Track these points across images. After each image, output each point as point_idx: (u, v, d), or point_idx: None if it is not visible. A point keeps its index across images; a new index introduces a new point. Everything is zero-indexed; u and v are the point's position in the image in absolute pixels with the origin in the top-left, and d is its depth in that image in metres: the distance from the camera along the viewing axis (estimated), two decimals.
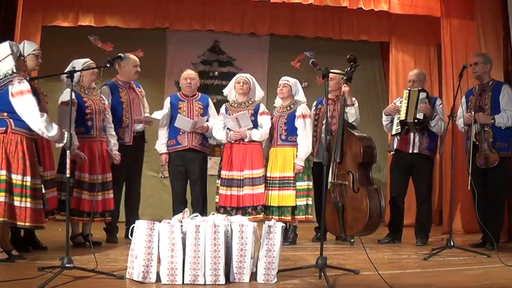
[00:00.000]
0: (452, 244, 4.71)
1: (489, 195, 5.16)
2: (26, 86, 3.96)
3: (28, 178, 3.97)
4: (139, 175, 5.57)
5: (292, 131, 5.31)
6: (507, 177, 5.19)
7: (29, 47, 4.53)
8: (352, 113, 5.50)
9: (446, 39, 6.67)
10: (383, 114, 5.86)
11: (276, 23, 7.45)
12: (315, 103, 5.84)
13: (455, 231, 6.36)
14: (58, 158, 4.86)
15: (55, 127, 4.02)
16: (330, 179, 5.34)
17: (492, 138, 5.08)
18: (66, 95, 4.77)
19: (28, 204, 3.94)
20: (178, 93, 5.69)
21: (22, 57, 4.19)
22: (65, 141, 4.02)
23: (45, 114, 4.01)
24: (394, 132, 5.58)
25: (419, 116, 5.34)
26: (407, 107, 5.41)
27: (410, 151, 5.45)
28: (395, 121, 5.56)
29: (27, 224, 3.95)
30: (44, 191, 4.08)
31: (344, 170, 5.35)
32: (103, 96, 5.10)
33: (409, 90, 5.50)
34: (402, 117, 5.42)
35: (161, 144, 5.51)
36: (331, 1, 6.63)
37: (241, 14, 7.36)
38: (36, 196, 4.01)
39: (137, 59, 5.47)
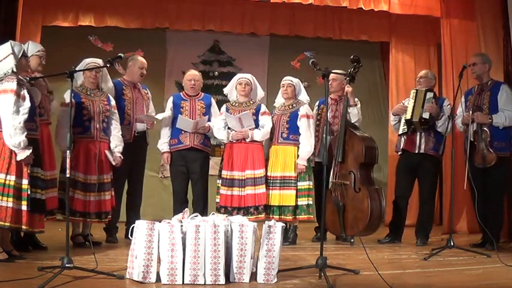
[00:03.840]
0: (452, 244, 4.71)
1: (489, 195, 5.16)
2: (10, 85, 3.92)
3: (12, 177, 3.93)
4: (141, 176, 5.55)
5: (294, 129, 5.31)
6: (506, 177, 5.18)
7: (32, 48, 4.56)
8: (354, 114, 5.51)
9: (446, 39, 6.67)
10: (391, 114, 5.87)
11: (276, 23, 7.46)
12: (317, 103, 5.84)
13: (460, 231, 6.38)
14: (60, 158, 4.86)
15: (20, 138, 3.88)
16: (331, 179, 5.34)
17: (490, 137, 5.08)
18: (67, 96, 4.78)
19: (10, 204, 3.89)
20: (181, 93, 5.69)
21: (25, 57, 4.17)
22: (27, 154, 3.93)
23: (21, 120, 3.90)
24: (400, 131, 5.58)
25: (425, 115, 5.33)
26: (414, 106, 5.40)
27: (416, 151, 5.44)
28: (402, 121, 5.56)
29: (6, 224, 3.89)
30: (29, 192, 3.97)
31: (345, 170, 5.35)
32: (110, 97, 5.08)
33: (416, 90, 5.50)
34: (408, 116, 5.42)
35: (163, 143, 5.51)
36: (331, 1, 6.63)
37: (241, 14, 7.36)
38: (19, 197, 3.95)
39: (145, 62, 5.47)
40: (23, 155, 3.93)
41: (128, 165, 5.25)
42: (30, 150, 3.96)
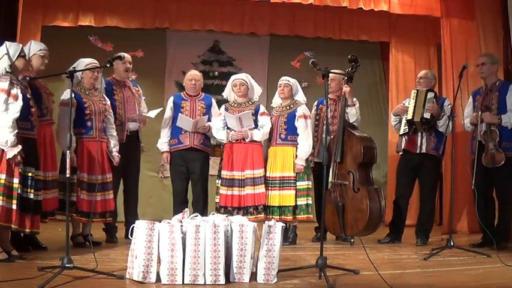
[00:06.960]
0: (452, 244, 4.71)
1: (496, 195, 5.16)
2: (1, 85, 3.93)
3: (3, 176, 3.92)
4: (136, 175, 5.55)
5: (292, 130, 5.31)
6: None
7: (35, 47, 4.55)
8: (352, 113, 5.50)
9: (446, 39, 6.68)
10: (391, 115, 5.87)
11: (276, 23, 7.46)
12: (315, 103, 5.84)
13: (460, 231, 6.37)
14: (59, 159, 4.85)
15: (7, 137, 3.88)
16: (330, 179, 5.34)
17: (499, 137, 5.08)
18: (65, 95, 4.78)
19: (0, 203, 3.89)
20: (181, 93, 5.69)
21: (22, 57, 4.16)
22: (15, 153, 3.91)
23: (10, 119, 3.89)
24: (401, 132, 5.57)
25: (427, 115, 5.33)
26: (415, 106, 5.40)
27: (418, 151, 5.45)
28: (403, 121, 5.56)
29: None
30: (19, 191, 3.97)
31: (344, 170, 5.35)
32: (105, 97, 5.08)
33: (417, 90, 5.50)
34: (409, 116, 5.42)
35: (163, 143, 5.51)
36: (331, 1, 6.63)
37: (241, 14, 7.36)
38: (10, 195, 3.94)
39: (128, 56, 5.37)
40: (10, 153, 3.92)
41: (122, 166, 5.21)
42: (19, 149, 3.93)
